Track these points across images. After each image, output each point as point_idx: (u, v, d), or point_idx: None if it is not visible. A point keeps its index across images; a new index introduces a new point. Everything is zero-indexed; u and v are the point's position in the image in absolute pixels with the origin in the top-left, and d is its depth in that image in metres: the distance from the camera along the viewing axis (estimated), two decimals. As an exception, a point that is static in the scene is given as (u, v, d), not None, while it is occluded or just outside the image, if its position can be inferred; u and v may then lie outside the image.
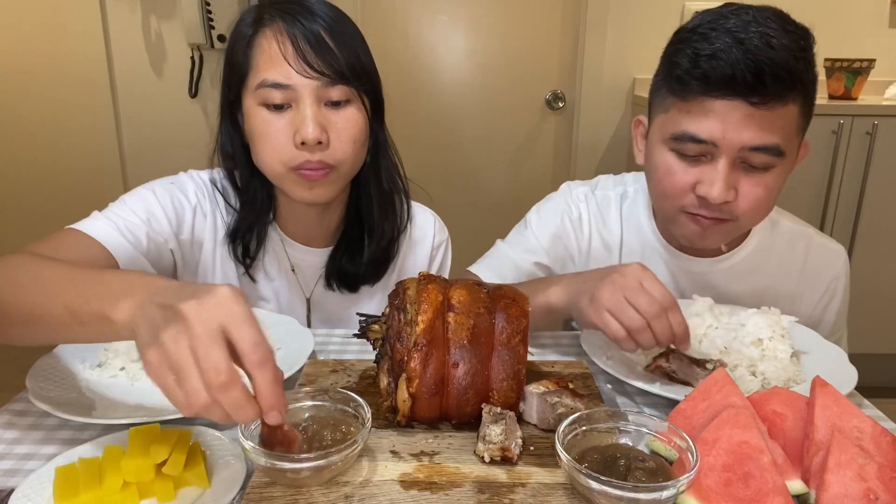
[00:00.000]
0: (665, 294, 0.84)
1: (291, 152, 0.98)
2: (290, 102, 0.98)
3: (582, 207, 1.23)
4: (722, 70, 0.89)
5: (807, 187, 2.34)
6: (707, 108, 0.92)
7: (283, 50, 0.96)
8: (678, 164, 0.98)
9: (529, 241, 1.22)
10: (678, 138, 0.96)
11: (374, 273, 1.17)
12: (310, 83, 0.97)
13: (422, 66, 2.83)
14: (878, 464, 0.62)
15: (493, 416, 0.72)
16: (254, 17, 1.01)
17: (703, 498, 0.62)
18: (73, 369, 0.88)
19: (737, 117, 0.91)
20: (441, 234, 1.27)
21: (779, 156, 0.93)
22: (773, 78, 0.88)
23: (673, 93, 0.97)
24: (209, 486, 0.66)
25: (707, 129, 0.93)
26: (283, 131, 0.98)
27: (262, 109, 0.99)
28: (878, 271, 2.42)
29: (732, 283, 1.15)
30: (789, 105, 0.91)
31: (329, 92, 0.98)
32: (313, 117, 0.97)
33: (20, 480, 0.67)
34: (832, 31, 2.58)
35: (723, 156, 0.93)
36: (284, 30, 0.97)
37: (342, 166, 1.02)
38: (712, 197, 0.94)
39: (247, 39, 1.00)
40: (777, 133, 0.92)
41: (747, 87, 0.88)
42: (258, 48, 0.98)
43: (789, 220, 1.19)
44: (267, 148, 1.00)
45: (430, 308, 0.74)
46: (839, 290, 1.18)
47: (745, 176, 0.95)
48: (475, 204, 2.97)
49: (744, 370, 0.89)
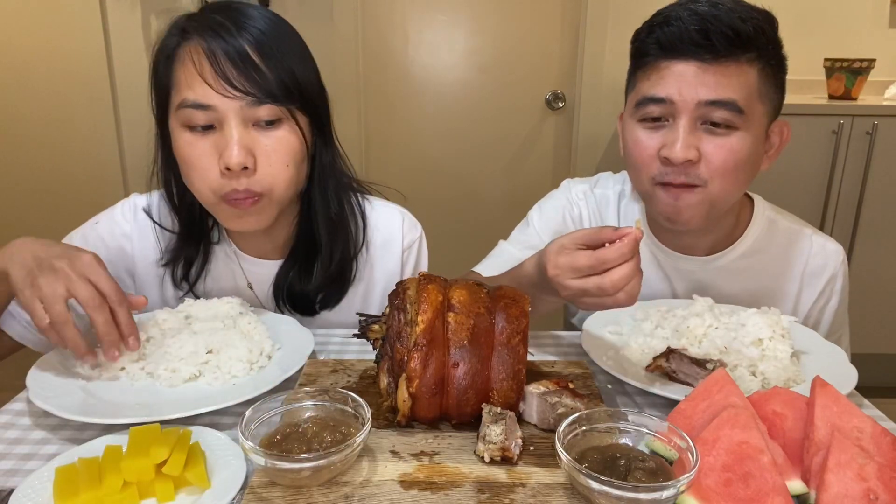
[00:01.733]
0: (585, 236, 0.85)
1: (218, 179, 0.93)
2: (213, 123, 0.92)
3: (582, 205, 1.25)
4: (672, 33, 0.97)
5: (807, 187, 2.34)
6: (663, 71, 1.00)
7: (199, 68, 0.90)
8: (644, 133, 1.03)
9: (532, 239, 1.23)
10: (640, 103, 1.02)
11: (330, 297, 1.11)
12: (233, 103, 0.91)
13: (422, 66, 2.83)
14: (878, 464, 0.62)
15: (493, 416, 0.72)
16: (180, 29, 0.95)
17: (703, 498, 0.62)
18: (73, 369, 0.88)
19: (690, 74, 0.97)
20: (411, 233, 1.19)
21: (738, 112, 0.97)
22: (718, 35, 0.94)
23: (636, 66, 1.05)
24: (209, 486, 0.66)
25: (664, 88, 0.99)
26: (208, 155, 0.92)
27: (184, 131, 0.93)
28: (877, 271, 2.42)
29: (727, 282, 1.15)
30: (743, 66, 0.97)
31: (256, 112, 0.92)
32: (238, 140, 0.91)
33: (20, 480, 0.67)
34: (832, 31, 2.58)
35: (682, 115, 0.98)
36: (203, 46, 0.91)
37: (273, 192, 0.96)
38: (673, 156, 0.98)
39: (168, 53, 0.94)
40: (732, 89, 0.96)
41: (695, 44, 0.96)
42: (179, 64, 0.93)
43: (787, 219, 1.19)
44: (193, 173, 0.94)
45: (430, 308, 0.74)
46: (837, 290, 1.18)
47: (707, 137, 0.99)
48: (475, 204, 2.97)
49: (744, 370, 0.89)
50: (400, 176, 2.92)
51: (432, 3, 2.76)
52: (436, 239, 3.43)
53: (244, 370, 0.88)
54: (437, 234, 3.16)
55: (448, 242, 3.02)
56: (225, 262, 1.12)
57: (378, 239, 1.15)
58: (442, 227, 2.99)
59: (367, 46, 2.79)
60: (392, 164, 2.92)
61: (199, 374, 0.88)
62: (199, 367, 0.88)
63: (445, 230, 3.00)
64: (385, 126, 2.89)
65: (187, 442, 0.69)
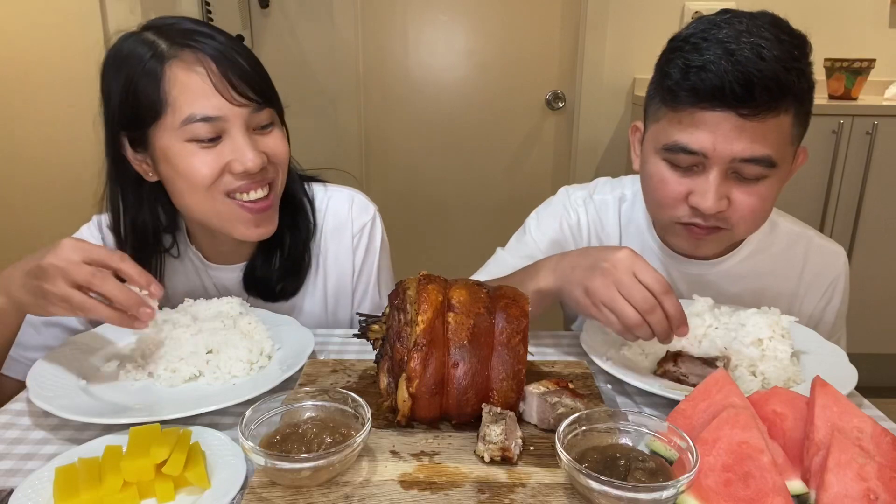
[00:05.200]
0: (658, 280, 0.85)
1: (229, 185, 0.94)
2: (220, 134, 0.93)
3: (580, 212, 1.23)
4: (711, 82, 0.89)
5: (807, 187, 2.34)
6: (697, 120, 0.92)
7: (212, 80, 0.91)
8: (671, 174, 0.98)
9: (529, 247, 1.23)
10: (670, 149, 0.96)
11: (290, 287, 1.12)
12: (240, 111, 0.92)
13: (422, 66, 2.83)
14: (878, 464, 0.62)
15: (493, 416, 0.72)
16: (151, 52, 0.92)
17: (703, 498, 0.62)
18: (73, 369, 0.88)
19: (727, 129, 0.91)
20: (362, 216, 1.17)
21: (770, 167, 0.93)
22: (762, 90, 0.87)
23: (665, 103, 0.97)
24: (209, 486, 0.66)
25: (697, 140, 0.93)
26: (216, 166, 0.93)
27: (188, 146, 0.92)
28: (877, 271, 2.42)
29: (731, 285, 1.15)
30: (781, 116, 0.91)
31: (258, 117, 0.95)
32: (251, 145, 0.93)
33: (20, 480, 0.67)
34: (832, 31, 2.58)
35: (714, 167, 0.94)
36: (202, 59, 0.91)
37: (279, 192, 0.99)
38: (704, 207, 0.95)
39: (155, 75, 0.91)
40: (768, 144, 0.91)
41: (736, 99, 0.88)
42: (175, 83, 0.91)
43: (789, 221, 1.19)
44: (198, 187, 0.94)
45: (430, 308, 0.74)
46: (838, 291, 1.18)
47: (737, 185, 0.96)
48: (475, 204, 2.97)
49: (744, 370, 0.89)
50: (400, 175, 2.92)
51: (432, 3, 2.77)
52: (435, 239, 3.45)
53: (244, 370, 0.88)
54: (437, 234, 3.18)
55: (447, 242, 3.03)
56: (193, 273, 1.12)
57: (329, 224, 1.16)
58: (441, 226, 3.00)
59: (367, 46, 2.79)
60: (392, 163, 2.93)
61: (199, 374, 0.88)
62: (199, 367, 0.88)
63: (445, 230, 3.00)
64: (385, 126, 2.89)
65: (187, 442, 0.69)
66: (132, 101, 0.92)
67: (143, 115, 0.92)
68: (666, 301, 0.84)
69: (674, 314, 0.85)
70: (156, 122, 0.92)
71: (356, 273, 1.18)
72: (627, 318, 0.84)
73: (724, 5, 2.03)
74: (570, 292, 0.92)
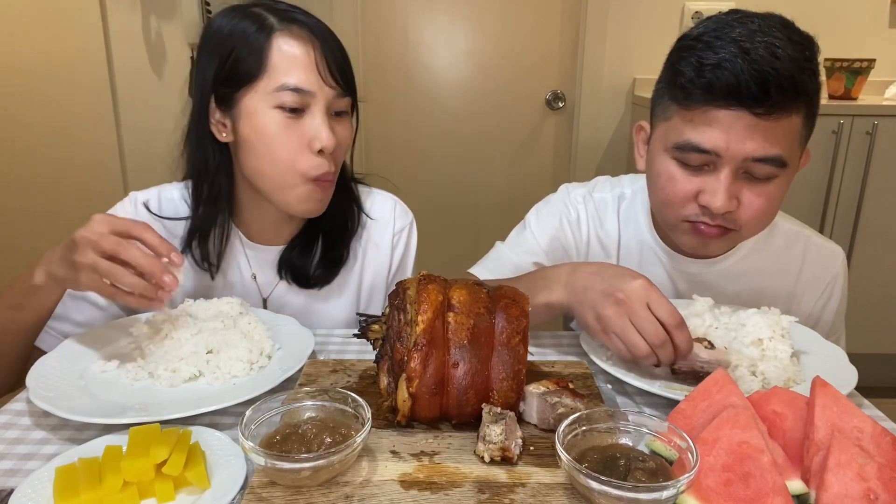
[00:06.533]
0: (672, 314, 0.84)
1: (310, 161, 1.00)
2: (304, 108, 0.99)
3: (580, 209, 1.23)
4: (726, 80, 0.88)
5: (807, 187, 2.34)
6: (710, 118, 0.92)
7: (314, 57, 0.98)
8: (680, 172, 0.98)
9: (528, 242, 1.23)
10: (681, 147, 0.95)
11: (324, 276, 1.16)
12: (328, 92, 0.99)
13: (422, 66, 2.83)
14: (878, 464, 0.62)
15: (493, 416, 0.72)
16: (259, 21, 0.99)
17: (703, 498, 0.62)
18: (73, 369, 0.88)
19: (740, 128, 0.90)
20: (403, 218, 1.25)
21: (781, 167, 0.93)
22: (777, 89, 0.87)
23: (676, 101, 0.96)
24: (209, 486, 0.66)
25: (710, 139, 0.92)
26: (298, 136, 0.99)
27: (276, 112, 0.98)
28: (877, 271, 2.42)
29: (730, 284, 1.15)
30: (793, 116, 0.91)
31: (339, 103, 1.02)
32: (329, 126, 1.00)
33: (20, 480, 0.67)
34: (832, 31, 2.58)
35: (725, 166, 0.93)
36: (308, 37, 0.99)
37: (335, 177, 1.07)
38: (715, 207, 0.94)
39: (260, 41, 0.98)
40: (780, 144, 0.91)
41: (752, 97, 0.88)
42: (277, 51, 0.97)
43: (787, 221, 1.19)
44: (281, 153, 0.99)
45: (430, 308, 0.74)
46: (837, 291, 1.18)
47: (747, 185, 0.95)
48: (475, 204, 2.97)
49: (744, 370, 0.89)
50: (400, 175, 2.92)
51: (432, 3, 2.77)
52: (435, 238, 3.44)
53: (244, 370, 0.88)
54: (437, 234, 3.18)
55: (447, 242, 3.02)
56: (230, 250, 1.15)
57: (372, 222, 1.22)
58: (441, 226, 3.00)
59: (367, 46, 2.79)
60: (392, 163, 2.93)
61: (199, 374, 0.88)
62: (199, 367, 0.88)
63: (445, 230, 3.00)
64: (385, 126, 2.89)
65: (187, 442, 0.69)
66: (233, 62, 0.98)
67: (241, 76, 0.98)
68: (677, 335, 0.84)
69: (683, 348, 0.85)
70: (250, 84, 0.98)
71: (392, 271, 1.23)
72: (637, 349, 0.85)
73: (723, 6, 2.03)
74: (581, 313, 0.92)
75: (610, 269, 0.93)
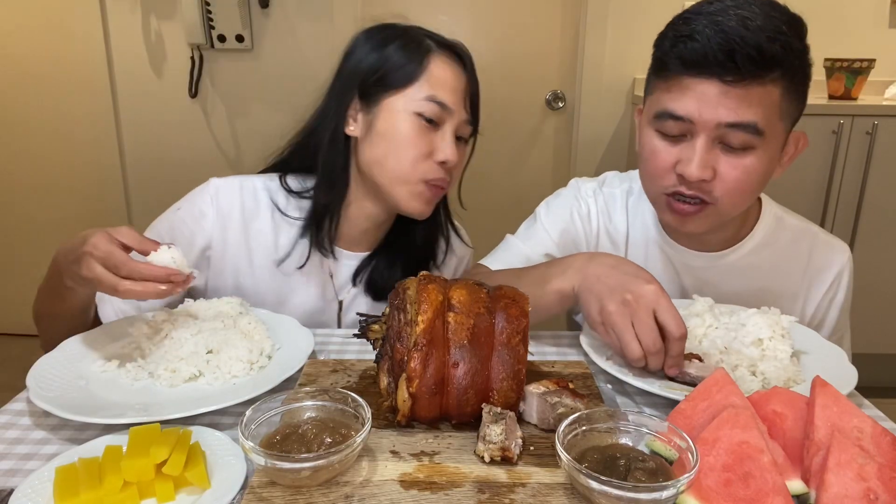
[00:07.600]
0: (677, 325, 0.85)
1: (431, 167, 1.08)
2: (439, 122, 1.07)
3: (590, 202, 1.25)
4: (696, 49, 0.92)
5: (807, 187, 2.34)
6: (684, 87, 0.95)
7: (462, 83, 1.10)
8: (661, 144, 1.01)
9: (539, 234, 1.24)
10: (659, 116, 0.99)
11: None
12: (462, 115, 1.09)
13: (422, 66, 2.83)
14: (878, 464, 0.62)
15: (493, 416, 0.72)
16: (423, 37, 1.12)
17: (703, 498, 0.62)
18: (73, 369, 0.88)
19: (712, 95, 0.93)
20: (468, 250, 1.34)
21: (756, 135, 0.94)
22: (743, 57, 0.90)
23: (656, 74, 1.01)
24: (209, 486, 0.66)
25: (684, 106, 0.95)
26: (428, 144, 1.07)
27: (415, 117, 1.06)
28: (878, 271, 2.42)
29: (736, 279, 1.15)
30: (768, 86, 0.93)
31: (465, 128, 1.11)
32: (453, 143, 1.08)
33: (20, 480, 0.67)
34: (832, 31, 2.58)
35: (700, 133, 0.96)
36: (462, 68, 1.11)
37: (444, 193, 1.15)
38: (689, 174, 0.96)
39: (421, 54, 1.09)
40: (753, 111, 0.93)
41: (719, 65, 0.91)
42: (435, 66, 1.08)
43: (794, 217, 1.20)
44: (409, 152, 1.06)
45: (430, 308, 0.74)
46: (842, 286, 1.18)
47: (724, 156, 0.97)
48: (475, 204, 2.94)
49: (744, 370, 0.89)
50: (400, 176, 2.92)
51: (432, 3, 2.77)
52: (436, 239, 3.32)
53: (244, 370, 0.88)
54: (437, 234, 3.12)
55: (448, 242, 3.02)
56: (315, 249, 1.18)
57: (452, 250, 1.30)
58: (442, 227, 2.99)
59: (367, 46, 2.78)
60: (392, 164, 2.92)
61: (199, 374, 0.88)
62: (199, 367, 0.88)
63: (445, 230, 2.99)
64: (385, 126, 2.88)
65: (187, 442, 0.69)
66: (389, 64, 1.08)
67: (396, 80, 1.07)
68: (674, 346, 0.85)
69: (675, 359, 0.86)
70: (400, 88, 1.07)
71: None
72: (631, 351, 0.85)
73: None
74: (587, 301, 0.93)
75: (627, 266, 0.93)
